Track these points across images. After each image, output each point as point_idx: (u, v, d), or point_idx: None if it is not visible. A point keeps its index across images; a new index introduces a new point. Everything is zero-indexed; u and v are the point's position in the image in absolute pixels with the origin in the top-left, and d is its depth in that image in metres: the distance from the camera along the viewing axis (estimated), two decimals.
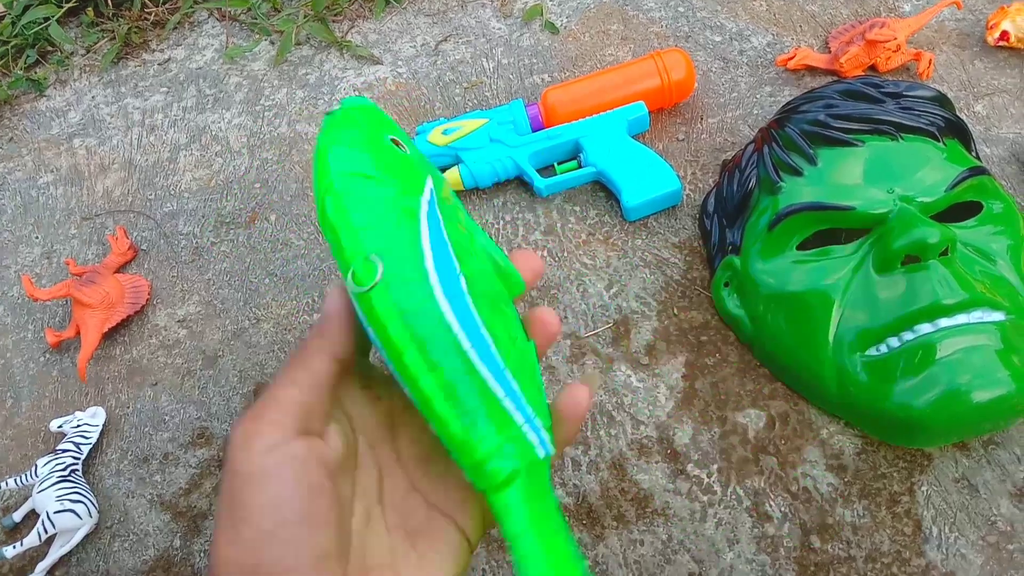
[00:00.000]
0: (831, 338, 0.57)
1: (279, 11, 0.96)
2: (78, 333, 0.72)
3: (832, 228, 0.60)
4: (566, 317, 0.66)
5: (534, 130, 0.75)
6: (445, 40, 0.89)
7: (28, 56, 0.98)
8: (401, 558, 0.34)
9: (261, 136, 0.85)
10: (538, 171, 0.75)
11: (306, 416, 0.32)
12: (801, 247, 0.60)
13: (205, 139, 0.86)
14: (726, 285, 0.64)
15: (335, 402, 0.35)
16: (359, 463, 0.36)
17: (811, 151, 0.61)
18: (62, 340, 0.72)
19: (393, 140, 0.36)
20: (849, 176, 0.59)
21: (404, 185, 0.34)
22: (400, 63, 0.88)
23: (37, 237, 0.83)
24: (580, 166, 0.73)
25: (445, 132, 0.75)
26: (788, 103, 0.67)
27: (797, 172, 0.61)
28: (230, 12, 0.97)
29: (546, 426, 0.33)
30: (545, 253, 0.70)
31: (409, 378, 0.31)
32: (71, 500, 0.61)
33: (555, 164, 0.74)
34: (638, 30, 0.85)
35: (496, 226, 0.73)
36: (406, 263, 0.32)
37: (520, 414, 0.32)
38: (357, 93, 0.87)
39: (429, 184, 0.35)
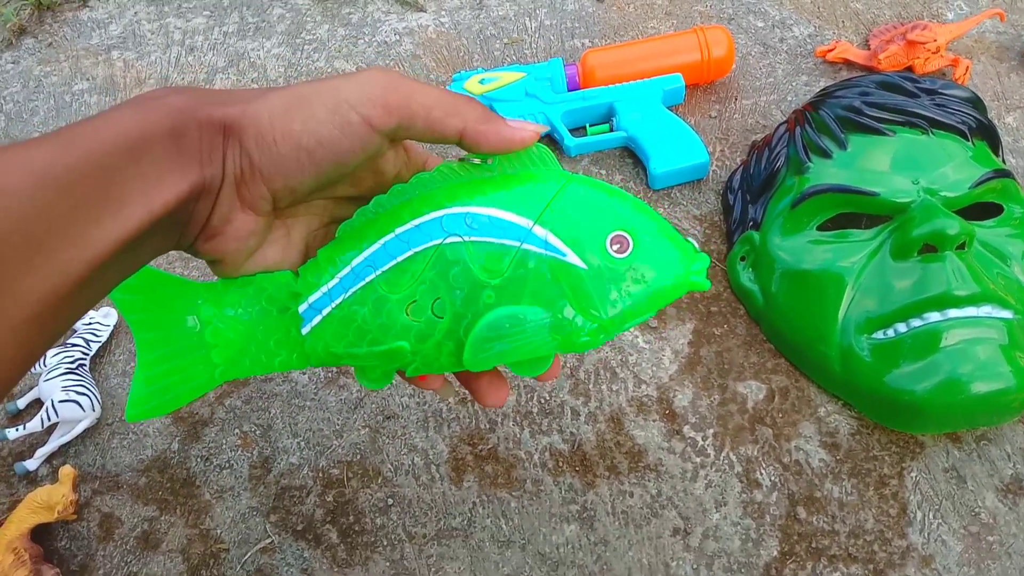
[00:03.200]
0: (840, 318, 0.58)
1: None
2: None
3: (854, 212, 0.61)
4: None
5: (570, 90, 0.76)
6: None
7: None
8: (293, 247, 0.40)
9: (298, 68, 0.86)
10: (569, 131, 0.75)
11: (410, 129, 0.36)
12: (821, 228, 0.61)
13: (243, 65, 0.87)
14: (742, 259, 0.65)
15: None
16: (349, 201, 0.40)
17: (842, 135, 0.62)
18: None
19: (619, 237, 0.36)
20: (877, 163, 0.60)
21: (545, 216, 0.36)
22: (443, 12, 0.89)
23: None
24: (612, 130, 0.74)
25: (482, 81, 0.76)
26: (824, 88, 0.68)
27: (826, 154, 0.62)
28: None
29: (329, 344, 0.37)
30: None
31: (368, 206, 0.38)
32: (76, 392, 0.62)
33: (587, 125, 0.75)
34: (682, 7, 0.86)
35: None
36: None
37: (334, 288, 0.37)
38: (398, 38, 0.87)
39: (558, 244, 0.36)
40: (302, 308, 0.37)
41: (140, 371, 0.38)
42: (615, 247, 0.35)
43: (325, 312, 0.37)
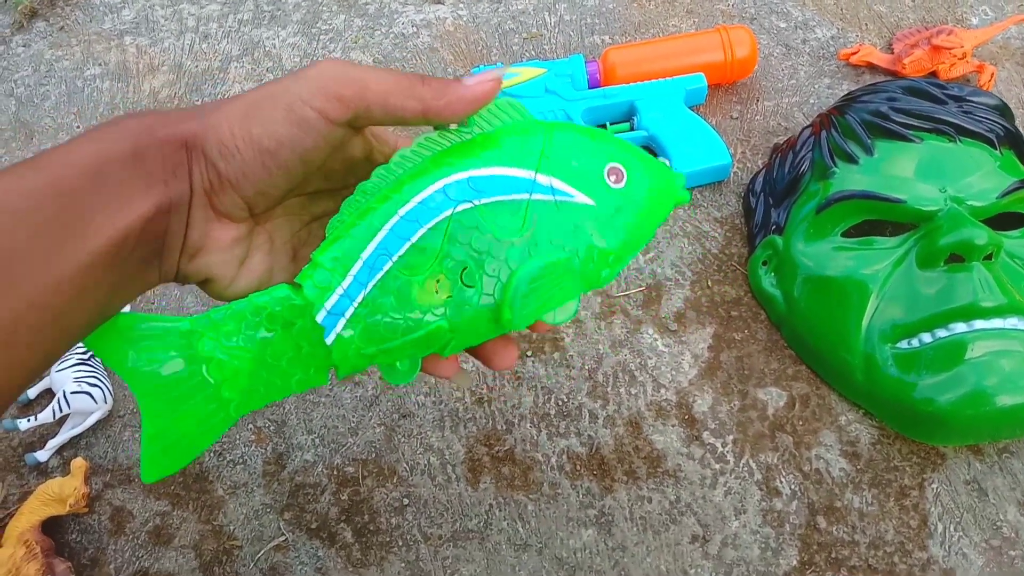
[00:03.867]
0: (864, 327, 0.57)
1: None
2: None
3: (879, 219, 0.60)
4: None
5: (591, 87, 0.75)
6: None
7: None
8: (280, 251, 0.39)
9: (314, 57, 0.85)
10: None
11: (368, 115, 0.35)
12: (845, 234, 0.60)
13: (258, 54, 0.86)
14: (764, 264, 0.64)
15: None
16: (326, 194, 0.40)
17: (869, 141, 0.61)
18: None
19: (614, 168, 0.37)
20: (903, 170, 0.59)
21: (545, 162, 0.36)
22: (461, 5, 0.88)
23: (78, 126, 0.82)
24: (632, 128, 0.73)
25: (503, 76, 0.75)
26: (849, 93, 0.67)
27: (852, 160, 0.61)
28: None
29: (358, 344, 0.35)
30: None
31: (355, 194, 0.36)
32: (88, 383, 0.62)
33: (607, 123, 0.74)
34: (704, 5, 0.85)
35: None
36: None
37: (350, 285, 0.35)
38: (415, 30, 0.86)
39: (563, 186, 0.36)
40: (320, 317, 0.35)
41: (147, 426, 0.35)
42: (612, 178, 0.37)
43: (348, 314, 0.35)
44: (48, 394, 0.64)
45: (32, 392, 0.64)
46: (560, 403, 0.61)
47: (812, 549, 0.54)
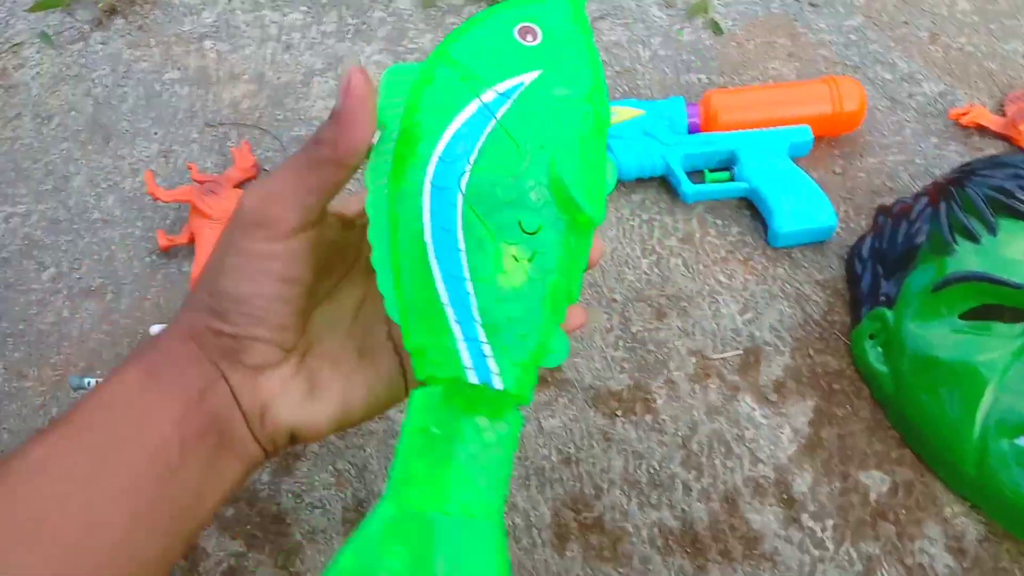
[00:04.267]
0: (979, 417, 0.55)
1: None
2: (191, 241, 0.70)
3: (999, 304, 0.57)
4: (694, 333, 0.64)
5: (690, 132, 0.72)
6: (602, 17, 0.86)
7: None
8: (343, 357, 0.38)
9: None
10: (687, 174, 0.72)
11: (308, 215, 0.33)
12: (963, 316, 0.58)
13: (342, 69, 0.84)
14: (871, 337, 0.61)
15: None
16: (350, 279, 0.39)
17: (992, 219, 0.58)
18: (173, 245, 0.71)
19: (524, 28, 0.34)
20: None
21: (475, 81, 0.33)
22: None
23: (156, 133, 0.81)
24: (732, 179, 0.71)
25: None
26: (968, 164, 0.64)
27: (973, 238, 0.58)
28: None
29: (516, 362, 0.33)
30: (679, 262, 0.68)
31: (374, 255, 0.33)
32: None
33: (705, 170, 0.72)
34: (806, 50, 0.82)
35: (631, 223, 0.71)
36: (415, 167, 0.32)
37: (462, 330, 0.32)
38: None
39: (504, 85, 0.33)
40: (472, 377, 0.32)
41: None
42: (529, 38, 0.33)
43: (488, 351, 0.33)
44: None
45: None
46: (652, 471, 0.58)
47: None
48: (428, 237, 0.32)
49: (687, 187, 0.70)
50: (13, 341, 0.68)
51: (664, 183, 0.72)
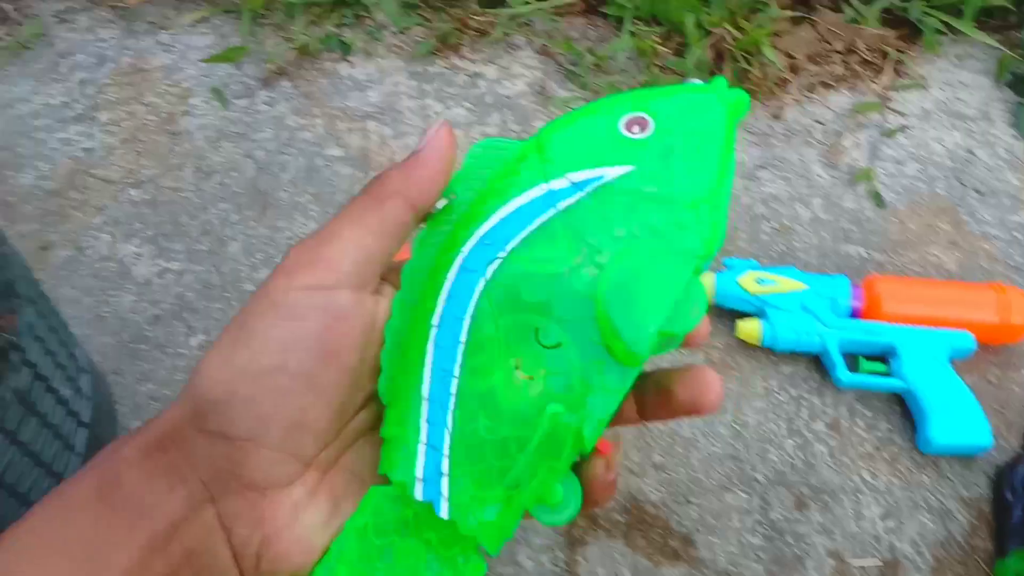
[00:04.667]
0: None
1: (603, 71, 0.93)
2: None
3: None
4: (834, 532, 0.63)
5: (850, 314, 0.72)
6: (763, 167, 0.86)
7: (344, 15, 0.98)
8: (369, 473, 0.29)
9: None
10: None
11: (365, 266, 0.28)
12: None
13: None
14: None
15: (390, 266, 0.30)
16: None
17: None
18: None
19: (633, 119, 0.29)
20: None
21: (551, 166, 0.29)
22: None
23: (314, 211, 0.82)
24: (888, 371, 0.70)
25: (760, 281, 0.72)
26: None
27: None
28: (550, 49, 0.95)
29: (476, 495, 0.27)
30: (825, 450, 0.67)
31: (388, 322, 0.29)
32: None
33: (860, 357, 0.71)
34: (968, 240, 0.81)
35: (778, 396, 0.70)
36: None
37: (428, 433, 0.28)
38: None
39: (581, 175, 0.28)
40: (417, 491, 0.27)
41: None
42: (635, 130, 0.29)
43: (446, 467, 0.28)
44: None
45: None
46: None
47: None
48: (436, 319, 0.28)
49: (843, 374, 0.69)
50: (157, 406, 0.69)
51: (815, 360, 0.72)
